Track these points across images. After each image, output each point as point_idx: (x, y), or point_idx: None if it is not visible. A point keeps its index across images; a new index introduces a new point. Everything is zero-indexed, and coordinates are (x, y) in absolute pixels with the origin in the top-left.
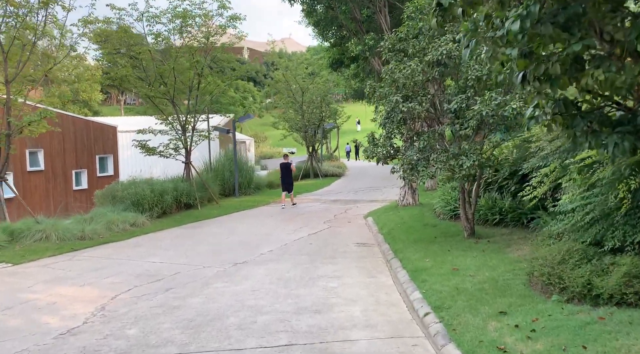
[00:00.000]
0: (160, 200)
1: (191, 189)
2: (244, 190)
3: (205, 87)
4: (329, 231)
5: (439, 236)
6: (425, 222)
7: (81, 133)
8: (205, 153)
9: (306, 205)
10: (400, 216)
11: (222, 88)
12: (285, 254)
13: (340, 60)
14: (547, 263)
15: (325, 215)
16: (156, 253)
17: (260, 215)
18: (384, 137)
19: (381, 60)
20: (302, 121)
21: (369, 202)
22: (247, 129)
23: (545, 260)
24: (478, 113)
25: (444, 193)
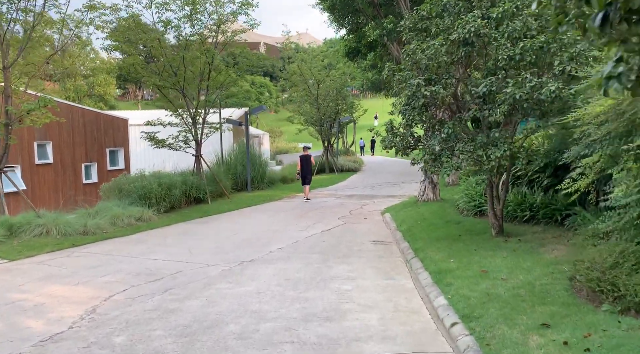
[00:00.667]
0: (168, 194)
1: (201, 183)
2: (257, 185)
3: (217, 77)
4: (344, 228)
5: (464, 234)
6: (447, 219)
7: (91, 125)
8: (217, 146)
9: (320, 200)
10: (420, 212)
11: (234, 78)
12: (296, 252)
13: (356, 48)
14: (596, 266)
15: (340, 211)
16: (159, 250)
17: (272, 210)
18: (403, 125)
19: (400, 46)
20: (318, 114)
21: (386, 198)
22: (263, 124)
23: (593, 263)
24: (510, 97)
25: (468, 187)
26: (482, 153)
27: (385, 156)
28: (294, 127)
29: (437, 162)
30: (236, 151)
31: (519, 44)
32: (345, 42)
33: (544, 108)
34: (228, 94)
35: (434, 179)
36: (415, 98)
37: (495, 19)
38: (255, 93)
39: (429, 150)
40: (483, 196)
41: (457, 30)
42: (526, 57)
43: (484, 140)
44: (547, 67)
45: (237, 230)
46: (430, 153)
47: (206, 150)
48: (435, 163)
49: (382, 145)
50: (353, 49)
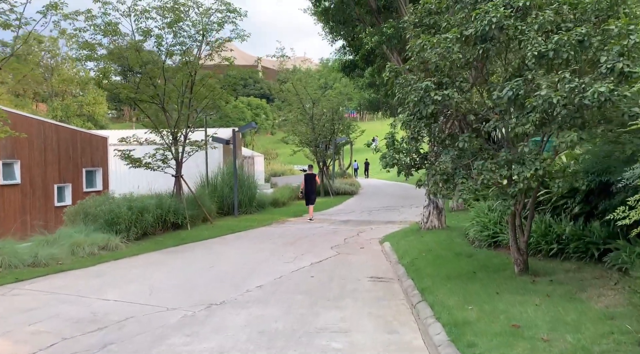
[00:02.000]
0: (139, 219)
1: (179, 206)
2: (245, 209)
3: (200, 91)
4: (337, 260)
5: (480, 271)
6: (457, 251)
7: (66, 143)
8: (203, 166)
9: (313, 225)
10: (424, 242)
11: (219, 92)
12: (278, 292)
13: (353, 62)
14: None
15: (334, 239)
16: (116, 287)
17: (258, 237)
18: (407, 140)
19: (402, 56)
20: (313, 135)
21: (385, 224)
22: (259, 146)
23: None
24: (545, 102)
25: (479, 214)
26: (507, 173)
27: (382, 178)
28: (289, 148)
29: (449, 184)
30: (224, 172)
31: (553, 37)
32: (341, 54)
33: (587, 116)
34: (221, 115)
35: (440, 204)
36: (423, 104)
37: (522, 9)
38: (251, 114)
39: (440, 169)
40: (498, 225)
41: (475, 22)
42: (562, 53)
43: (508, 156)
44: (590, 64)
45: (214, 261)
46: (442, 173)
47: (191, 171)
48: (448, 185)
49: (382, 164)
50: (349, 63)
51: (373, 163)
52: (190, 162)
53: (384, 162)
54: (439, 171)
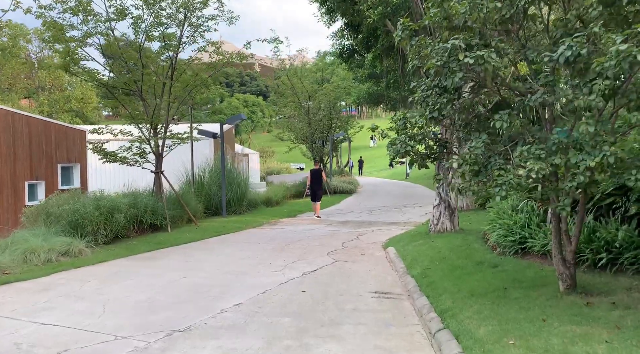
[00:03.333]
0: (109, 220)
1: (157, 206)
2: (235, 208)
3: (182, 77)
4: (334, 270)
5: (512, 287)
6: (477, 259)
7: (38, 137)
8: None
9: (307, 227)
10: (435, 247)
11: (203, 79)
12: (260, 313)
13: (352, 48)
14: None
15: (331, 243)
16: (61, 305)
17: (246, 241)
18: (424, 121)
19: None
20: (309, 130)
21: (388, 225)
22: (255, 144)
23: None
24: (621, 61)
25: (500, 214)
26: (562, 161)
27: (380, 177)
28: (285, 145)
29: (481, 176)
30: (212, 168)
31: None
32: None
33: None
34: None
35: (452, 203)
36: (448, 71)
37: None
38: (246, 112)
39: (470, 158)
40: (526, 229)
41: None
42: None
43: (562, 139)
44: None
45: (189, 270)
46: (472, 162)
47: (175, 167)
48: (480, 178)
49: (391, 152)
50: (348, 48)
51: (367, 161)
52: (175, 158)
53: (394, 150)
54: (468, 160)
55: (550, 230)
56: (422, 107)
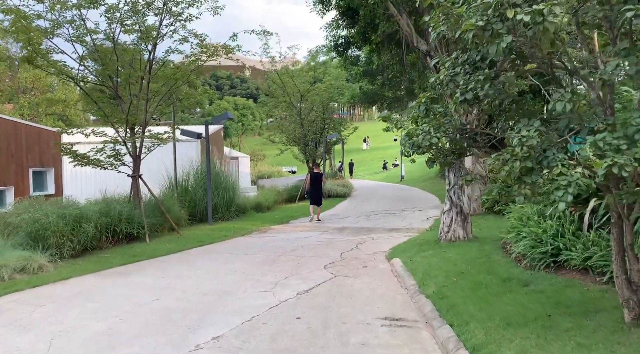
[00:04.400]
0: (76, 231)
1: (134, 213)
2: (222, 214)
3: (162, 71)
4: (333, 287)
5: (557, 314)
6: (502, 274)
7: (7, 139)
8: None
9: (301, 235)
10: (449, 259)
11: (184, 73)
12: (243, 350)
13: (347, 40)
14: None
15: (328, 253)
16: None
17: (232, 251)
18: (455, 104)
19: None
20: (302, 131)
21: (389, 232)
22: (246, 147)
23: None
24: None
25: (524, 221)
26: None
27: (374, 179)
28: (276, 148)
29: (535, 175)
30: (197, 172)
31: None
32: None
33: None
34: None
35: (465, 208)
36: (491, 36)
37: None
38: (237, 115)
39: (521, 152)
40: (559, 239)
41: None
42: None
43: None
44: None
45: (164, 289)
46: (523, 158)
47: (157, 170)
48: (532, 177)
49: (407, 147)
50: (343, 40)
51: (360, 164)
52: (156, 161)
53: (411, 145)
54: (519, 155)
55: (591, 240)
56: (448, 88)
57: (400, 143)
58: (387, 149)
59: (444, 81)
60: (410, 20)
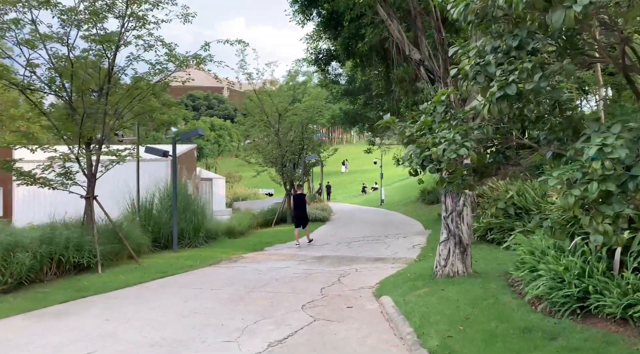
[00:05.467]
0: (8, 261)
1: (84, 240)
2: (190, 240)
3: (119, 82)
4: (314, 336)
5: None
6: (519, 323)
7: None
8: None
9: (276, 265)
10: (449, 300)
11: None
12: None
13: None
14: None
15: (306, 288)
16: None
17: (195, 285)
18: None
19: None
20: (279, 151)
21: (373, 262)
22: (222, 168)
23: None
24: None
25: (536, 255)
26: None
27: (352, 202)
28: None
29: (617, 202)
30: (163, 193)
31: None
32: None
33: None
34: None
35: (465, 238)
36: None
37: None
38: (214, 135)
39: (604, 167)
40: (587, 280)
41: None
42: None
43: None
44: None
45: (105, 338)
46: (602, 177)
47: (118, 190)
48: (615, 206)
49: (415, 165)
50: (325, 53)
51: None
52: (118, 181)
53: (425, 159)
54: (597, 173)
55: (630, 283)
56: (475, 83)
57: (403, 158)
58: (366, 172)
59: (469, 74)
60: (402, 26)
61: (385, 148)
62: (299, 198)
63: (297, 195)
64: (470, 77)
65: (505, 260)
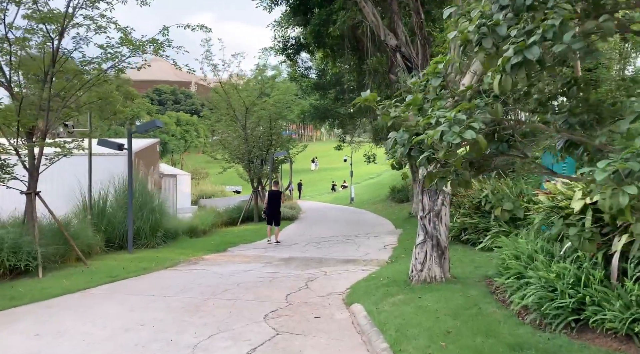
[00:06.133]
0: None
1: (23, 241)
2: (147, 240)
3: (70, 64)
4: (275, 353)
5: None
6: (507, 338)
7: None
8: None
9: (239, 267)
10: (427, 309)
11: (99, 70)
12: None
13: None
14: None
15: (271, 295)
16: None
17: (146, 292)
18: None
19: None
20: (246, 147)
21: (343, 264)
22: (188, 165)
23: None
24: None
25: (522, 259)
26: None
27: (321, 200)
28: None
29: None
30: (118, 190)
31: None
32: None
33: None
34: None
35: (442, 241)
36: None
37: None
38: (180, 131)
39: None
40: (582, 288)
41: None
42: None
43: None
44: None
45: None
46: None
47: (69, 186)
48: None
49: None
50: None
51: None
52: (69, 176)
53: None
54: None
55: (633, 295)
56: (480, 49)
57: (386, 149)
58: (336, 170)
59: (473, 37)
60: (377, 11)
61: (356, 145)
62: (274, 195)
63: (272, 191)
64: (475, 41)
65: (482, 263)
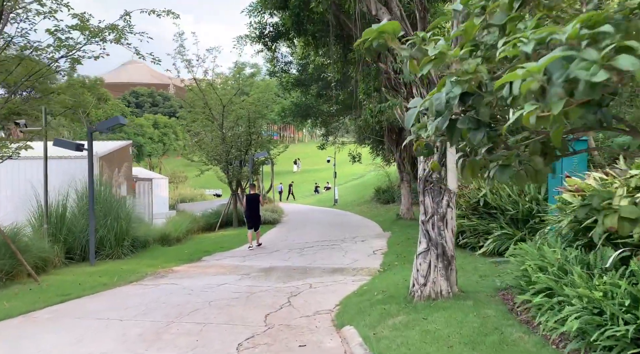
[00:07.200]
0: None
1: None
2: (112, 251)
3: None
4: None
5: None
6: None
7: None
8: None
9: (212, 281)
10: (436, 335)
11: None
12: None
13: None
14: None
15: (246, 317)
16: None
17: (102, 314)
18: None
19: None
20: (223, 146)
21: (330, 274)
22: (167, 168)
23: None
24: None
25: (551, 271)
26: None
27: (304, 203)
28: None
29: None
30: (81, 195)
31: None
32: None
33: None
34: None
35: (448, 249)
36: None
37: None
38: (157, 134)
39: None
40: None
41: None
42: None
43: None
44: None
45: None
46: None
47: (26, 193)
48: None
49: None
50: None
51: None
52: (19, 179)
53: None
54: None
55: None
56: None
57: (406, 125)
58: (319, 172)
59: None
60: (352, 22)
61: (339, 145)
62: (252, 198)
63: (250, 195)
64: None
65: (487, 271)
